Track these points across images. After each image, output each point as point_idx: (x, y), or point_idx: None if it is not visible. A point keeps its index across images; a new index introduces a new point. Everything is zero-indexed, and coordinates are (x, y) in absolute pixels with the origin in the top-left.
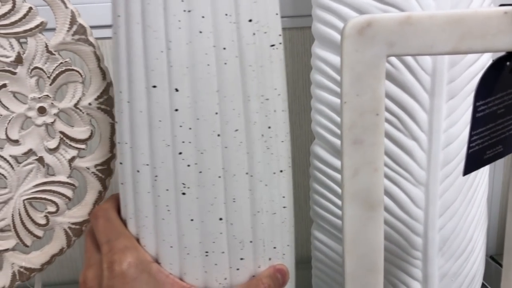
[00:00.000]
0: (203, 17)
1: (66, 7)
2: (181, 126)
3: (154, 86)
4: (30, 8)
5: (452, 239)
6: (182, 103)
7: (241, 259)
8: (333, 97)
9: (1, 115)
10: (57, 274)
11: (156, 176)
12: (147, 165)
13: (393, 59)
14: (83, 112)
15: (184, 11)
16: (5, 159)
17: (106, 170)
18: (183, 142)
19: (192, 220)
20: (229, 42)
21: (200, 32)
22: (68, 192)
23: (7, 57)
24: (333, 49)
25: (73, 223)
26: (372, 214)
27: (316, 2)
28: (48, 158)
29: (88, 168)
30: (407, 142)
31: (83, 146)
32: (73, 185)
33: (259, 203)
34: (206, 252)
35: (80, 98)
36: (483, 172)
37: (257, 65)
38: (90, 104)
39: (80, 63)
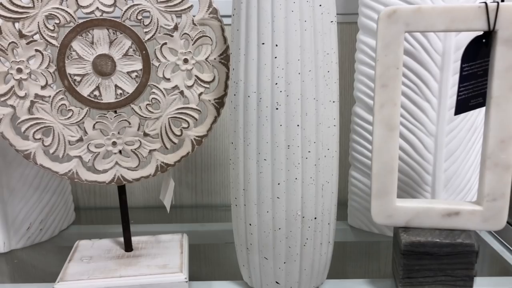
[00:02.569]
0: (294, 2)
1: None
2: (277, 67)
3: (263, 43)
4: None
5: (454, 179)
6: (279, 53)
7: (308, 152)
8: (371, 70)
9: (161, 62)
10: (143, 198)
11: (260, 98)
12: (254, 92)
13: (414, 43)
14: (210, 64)
15: None
16: (160, 90)
17: (221, 103)
18: (278, 77)
19: (280, 125)
20: (308, 17)
21: (292, 11)
22: (196, 115)
23: (169, 25)
24: (372, 35)
25: (197, 136)
26: (391, 134)
27: (362, 2)
28: (186, 92)
29: (209, 100)
30: (422, 103)
31: (208, 86)
32: (199, 110)
33: (320, 118)
34: (288, 145)
35: (209, 55)
36: (481, 128)
37: (323, 32)
38: (215, 58)
39: (209, 33)
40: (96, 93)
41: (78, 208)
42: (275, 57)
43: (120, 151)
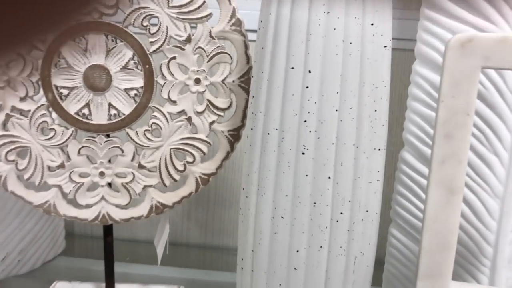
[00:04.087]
0: (338, 17)
1: (230, 4)
2: (308, 100)
3: (292, 68)
4: (204, 2)
5: None
6: (313, 82)
7: (341, 213)
8: (427, 109)
9: (168, 80)
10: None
11: (283, 138)
12: (276, 129)
13: (485, 81)
14: (227, 87)
15: (324, 12)
16: (163, 114)
17: (236, 136)
18: (309, 112)
19: (306, 175)
20: (355, 38)
21: (334, 29)
22: (204, 148)
23: (181, 36)
24: (432, 67)
25: (203, 174)
26: (452, 198)
27: (422, 26)
28: (195, 119)
29: (222, 132)
30: (489, 157)
31: (222, 114)
32: (209, 143)
33: (360, 171)
34: (314, 203)
35: (226, 76)
36: None
37: (373, 59)
38: (233, 81)
39: (229, 48)
40: (85, 111)
41: (72, 234)
42: (307, 87)
43: (108, 184)
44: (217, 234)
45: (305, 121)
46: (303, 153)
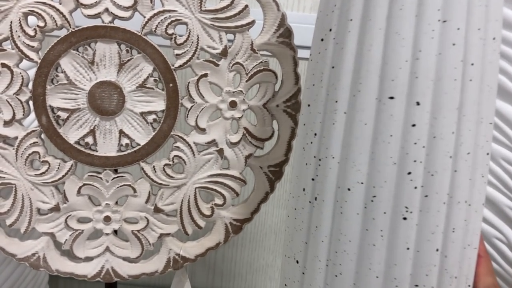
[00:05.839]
0: (458, 29)
1: (278, 10)
2: (415, 144)
3: (391, 98)
4: (246, 6)
5: None
6: (421, 118)
7: None
8: (500, 147)
9: (196, 103)
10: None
11: (374, 196)
12: (362, 183)
13: None
14: (269, 112)
15: (439, 20)
16: (189, 145)
17: (277, 173)
18: (414, 161)
19: (408, 248)
20: (476, 58)
21: (454, 44)
22: (237, 187)
23: (214, 48)
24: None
25: (235, 219)
26: None
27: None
28: (227, 151)
29: (261, 168)
30: None
31: (261, 145)
32: (243, 181)
33: (470, 236)
34: (416, 285)
35: (269, 99)
36: None
37: (492, 86)
38: (277, 105)
39: (274, 65)
40: (89, 140)
41: (56, 278)
42: (413, 125)
43: (115, 232)
44: (227, 278)
45: (409, 173)
46: (404, 218)
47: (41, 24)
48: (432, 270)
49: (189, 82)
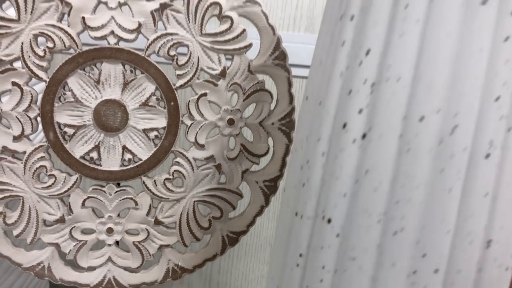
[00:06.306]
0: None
1: (274, 34)
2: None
3: None
4: (244, 30)
5: None
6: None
7: None
8: None
9: (196, 120)
10: None
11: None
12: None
13: None
14: (265, 130)
15: None
16: (188, 160)
17: (272, 187)
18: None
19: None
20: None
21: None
22: (234, 200)
23: (214, 69)
24: None
25: (231, 232)
26: None
27: None
28: (225, 166)
29: (257, 182)
30: None
31: (257, 161)
32: (240, 195)
33: None
34: (489, 240)
35: (265, 117)
36: None
37: None
38: (273, 123)
39: (269, 85)
40: (94, 155)
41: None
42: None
43: (116, 242)
44: None
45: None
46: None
47: (50, 45)
48: (507, 222)
49: (189, 101)
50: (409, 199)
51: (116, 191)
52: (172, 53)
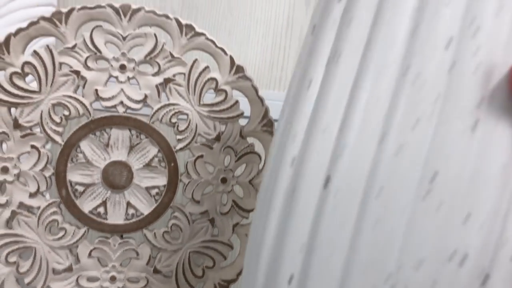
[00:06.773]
0: None
1: (263, 105)
2: None
3: None
4: (237, 101)
5: None
6: None
7: None
8: None
9: (192, 179)
10: None
11: None
12: None
13: None
14: (254, 188)
15: None
16: (185, 215)
17: None
18: None
19: None
20: None
21: None
22: (226, 251)
23: (210, 135)
24: None
25: (223, 280)
26: None
27: None
28: (218, 220)
29: (246, 235)
30: None
31: (247, 215)
32: (231, 246)
33: None
34: None
35: (254, 176)
36: None
37: None
38: (261, 182)
39: (258, 148)
40: (101, 210)
41: None
42: None
43: None
44: None
45: None
46: None
47: (66, 113)
48: None
49: (187, 162)
50: None
51: (120, 242)
52: (173, 120)
